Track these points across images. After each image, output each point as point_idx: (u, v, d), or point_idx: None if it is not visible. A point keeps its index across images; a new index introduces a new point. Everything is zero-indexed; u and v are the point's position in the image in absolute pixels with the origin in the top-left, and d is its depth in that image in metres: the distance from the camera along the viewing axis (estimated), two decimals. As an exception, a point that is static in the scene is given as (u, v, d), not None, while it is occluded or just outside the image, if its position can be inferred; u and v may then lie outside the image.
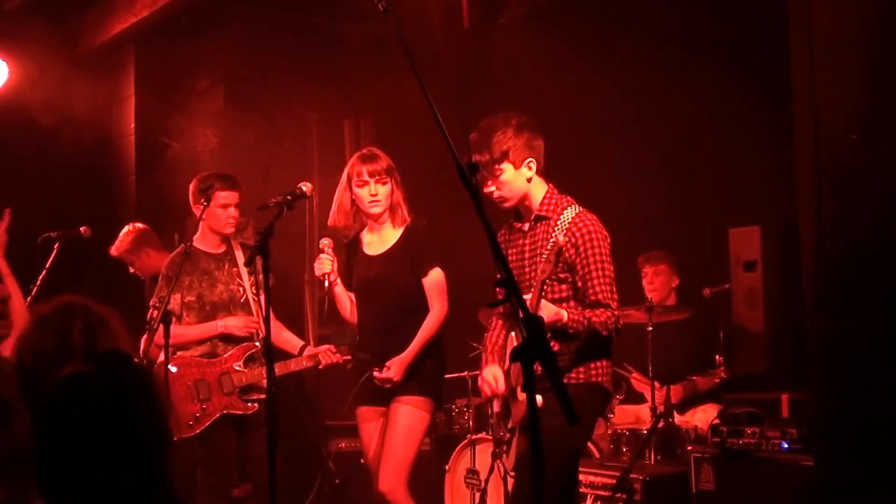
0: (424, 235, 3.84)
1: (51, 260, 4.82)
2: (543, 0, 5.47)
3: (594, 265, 3.19)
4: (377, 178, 3.81)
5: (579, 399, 3.13)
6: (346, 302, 3.97)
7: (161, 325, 3.98)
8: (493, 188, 3.28)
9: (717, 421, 4.10)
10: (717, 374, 4.42)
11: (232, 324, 4.24)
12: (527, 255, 3.32)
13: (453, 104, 2.70)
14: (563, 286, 3.25)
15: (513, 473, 3.38)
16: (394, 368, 3.75)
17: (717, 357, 4.41)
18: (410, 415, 3.76)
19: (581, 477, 4.36)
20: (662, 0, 4.99)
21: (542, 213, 3.29)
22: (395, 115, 6.04)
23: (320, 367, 4.29)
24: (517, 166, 3.26)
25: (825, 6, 3.25)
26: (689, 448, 4.21)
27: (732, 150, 5.08)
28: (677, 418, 4.59)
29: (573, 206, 3.28)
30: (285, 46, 6.02)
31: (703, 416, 4.62)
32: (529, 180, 3.29)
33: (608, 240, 3.26)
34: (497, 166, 3.23)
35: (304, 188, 3.68)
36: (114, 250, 5.15)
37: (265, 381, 3.58)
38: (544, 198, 3.31)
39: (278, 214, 3.59)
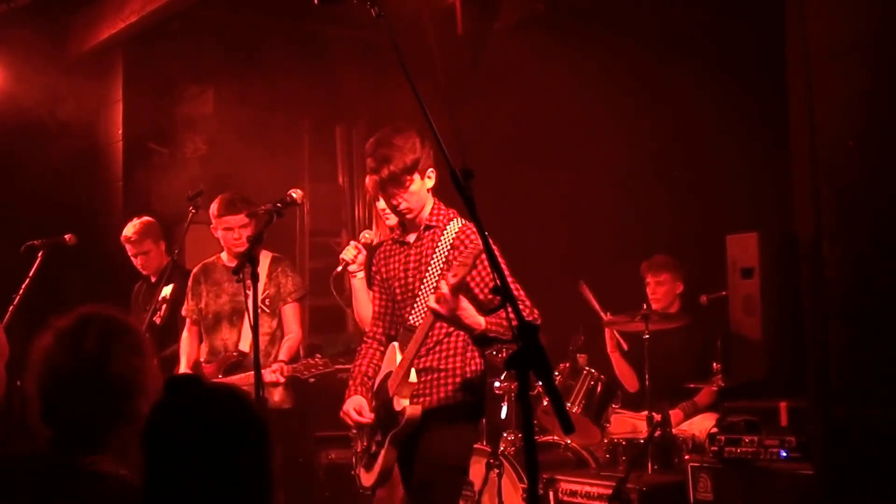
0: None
1: (35, 268, 4.75)
2: (538, 7, 5.45)
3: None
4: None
5: (451, 417, 3.12)
6: (363, 297, 3.89)
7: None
8: (399, 201, 3.18)
9: (714, 430, 4.07)
10: (714, 382, 4.39)
11: None
12: (411, 264, 3.25)
13: (447, 110, 2.66)
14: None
15: (370, 492, 3.31)
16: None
17: (715, 365, 4.38)
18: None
19: (577, 487, 4.34)
20: (658, 6, 4.97)
21: (431, 223, 3.23)
22: (387, 120, 5.99)
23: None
24: (422, 177, 3.18)
25: (821, 13, 3.24)
26: (687, 457, 4.18)
27: (729, 157, 5.06)
28: (674, 427, 4.55)
29: (458, 219, 3.22)
30: (276, 52, 5.98)
31: (700, 425, 4.60)
32: (429, 191, 3.23)
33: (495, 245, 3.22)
34: (407, 177, 3.13)
35: (294, 195, 3.64)
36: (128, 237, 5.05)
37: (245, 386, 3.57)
38: (433, 209, 3.25)
39: (268, 222, 3.57)
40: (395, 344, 3.22)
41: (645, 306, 4.68)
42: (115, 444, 1.92)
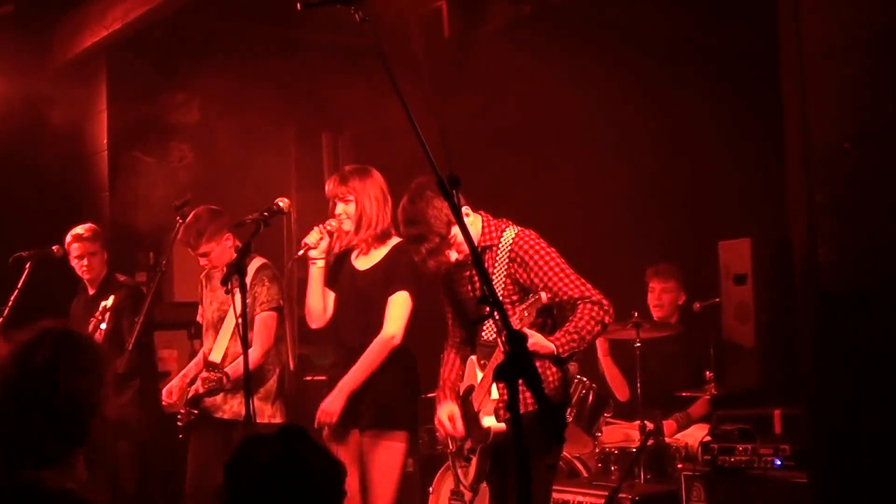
0: (405, 257, 3.75)
1: (22, 280, 4.70)
2: (525, 10, 5.42)
3: (551, 269, 3.15)
4: (340, 197, 3.80)
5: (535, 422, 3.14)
6: (316, 289, 3.85)
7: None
8: (454, 255, 3.22)
9: (707, 438, 4.04)
10: (707, 390, 4.36)
11: None
12: (476, 284, 3.28)
13: (434, 115, 2.63)
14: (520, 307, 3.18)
15: (470, 492, 3.36)
16: (330, 402, 3.67)
17: (708, 373, 4.36)
18: (388, 451, 3.68)
19: (569, 497, 4.31)
20: (648, 10, 4.95)
21: (486, 244, 3.26)
22: (373, 128, 5.97)
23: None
24: (454, 224, 3.19)
25: (815, 15, 3.21)
26: (680, 466, 4.16)
27: (722, 162, 5.04)
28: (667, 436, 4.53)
29: (511, 227, 3.26)
30: (262, 59, 5.93)
31: (694, 434, 4.57)
32: (469, 216, 3.26)
33: (554, 248, 3.24)
34: (450, 238, 3.19)
35: (280, 204, 3.65)
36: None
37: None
38: (483, 228, 3.28)
39: (255, 231, 3.59)
40: (474, 358, 3.27)
41: (636, 314, 4.64)
42: (62, 460, 1.88)
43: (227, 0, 5.77)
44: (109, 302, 4.59)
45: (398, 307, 3.70)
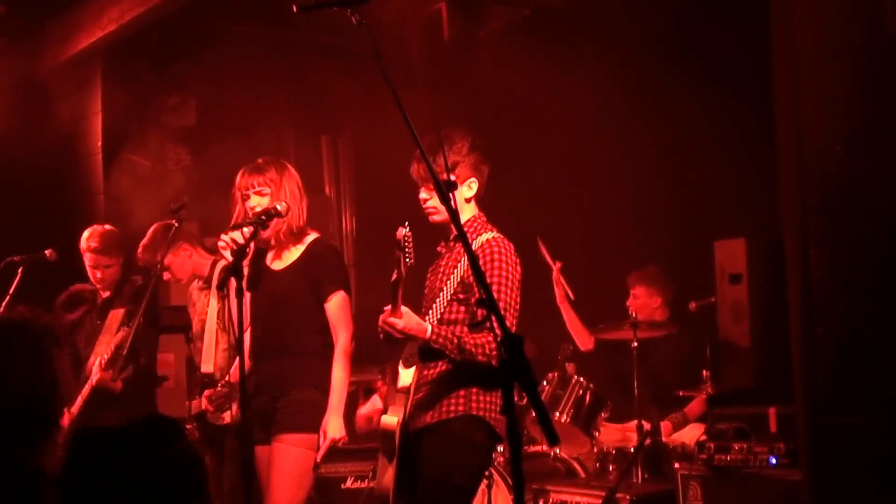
0: (329, 254, 3.64)
1: (14, 285, 4.66)
2: (524, 13, 5.43)
3: (494, 285, 3.04)
4: (256, 189, 3.61)
5: (455, 435, 3.06)
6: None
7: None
8: (429, 196, 3.20)
9: (704, 437, 4.05)
10: (703, 389, 4.37)
11: None
12: (439, 274, 3.24)
13: (431, 118, 2.64)
14: (461, 307, 3.14)
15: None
16: (334, 427, 3.47)
17: (704, 372, 4.37)
18: (298, 456, 3.46)
19: (567, 497, 4.31)
20: (644, 13, 4.96)
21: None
22: (373, 130, 5.96)
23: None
24: (460, 182, 3.19)
25: (807, 17, 3.22)
26: (677, 465, 4.16)
27: (717, 162, 5.05)
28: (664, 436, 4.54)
29: (490, 233, 3.20)
30: (259, 61, 5.92)
31: (690, 433, 4.58)
32: (467, 201, 3.24)
33: (518, 268, 3.15)
34: (429, 192, 3.17)
35: (278, 207, 3.53)
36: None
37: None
38: (469, 220, 3.24)
39: (253, 234, 3.47)
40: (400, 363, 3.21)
41: (634, 314, 4.66)
42: (17, 446, 1.89)
43: (225, 2, 5.75)
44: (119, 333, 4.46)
45: (342, 309, 3.55)
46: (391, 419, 3.13)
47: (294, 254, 3.63)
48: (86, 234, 4.83)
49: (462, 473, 3.11)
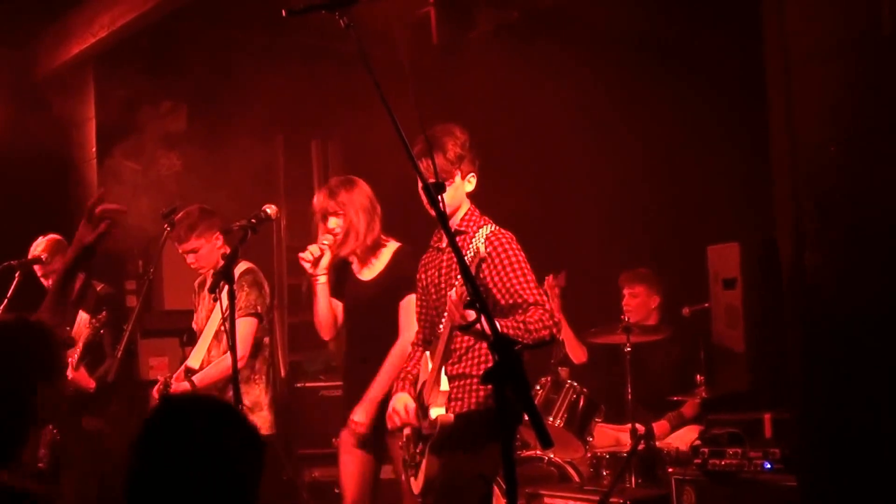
0: (408, 261, 3.77)
1: (12, 289, 4.68)
2: (514, 15, 5.42)
3: (513, 271, 3.11)
4: (331, 212, 3.84)
5: (484, 423, 3.09)
6: (324, 304, 3.87)
7: None
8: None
9: (698, 442, 4.03)
10: (697, 394, 4.36)
11: None
12: (443, 270, 3.27)
13: (420, 122, 2.63)
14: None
15: (420, 500, 3.28)
16: (359, 412, 3.68)
17: (698, 377, 4.37)
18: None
19: (560, 501, 4.30)
20: (636, 15, 4.96)
21: (461, 228, 3.24)
22: (363, 135, 5.95)
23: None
24: (462, 177, 3.22)
25: (799, 18, 3.22)
26: (671, 470, 4.15)
27: (710, 166, 5.05)
28: (661, 439, 4.53)
29: (489, 226, 3.23)
30: (249, 66, 5.92)
31: (684, 438, 4.56)
32: (467, 195, 3.27)
33: (523, 253, 3.21)
34: (451, 168, 3.19)
35: (268, 211, 3.62)
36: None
37: None
38: (465, 214, 3.27)
39: (243, 238, 3.55)
40: (428, 352, 3.25)
41: (627, 319, 4.65)
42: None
43: (216, 7, 5.75)
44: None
45: (412, 312, 3.67)
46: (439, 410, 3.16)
47: (379, 265, 3.85)
48: (34, 245, 4.89)
49: (486, 464, 3.15)
